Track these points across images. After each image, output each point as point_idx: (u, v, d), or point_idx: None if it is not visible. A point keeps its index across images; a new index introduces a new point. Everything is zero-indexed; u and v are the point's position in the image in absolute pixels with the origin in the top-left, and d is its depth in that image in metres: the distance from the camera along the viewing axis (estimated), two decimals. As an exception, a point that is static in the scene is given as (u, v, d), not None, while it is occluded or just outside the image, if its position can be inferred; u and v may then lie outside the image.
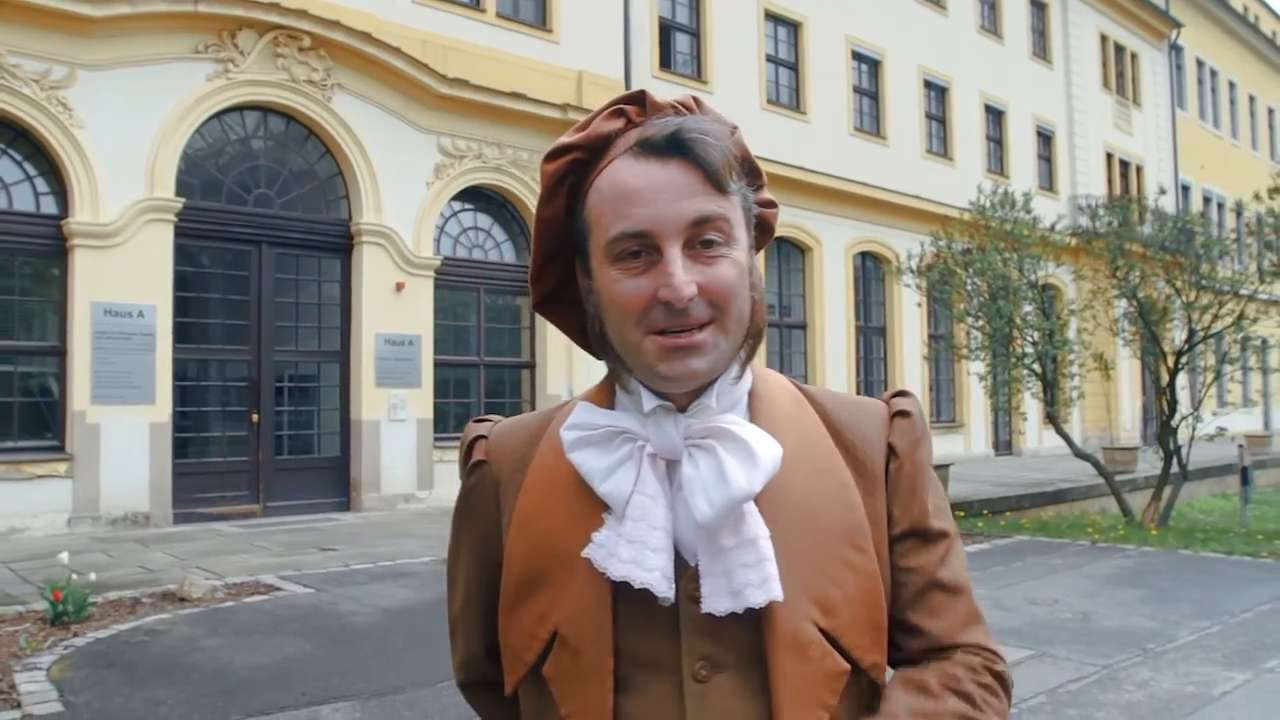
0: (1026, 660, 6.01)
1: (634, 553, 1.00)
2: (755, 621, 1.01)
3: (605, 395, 1.13)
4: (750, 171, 1.10)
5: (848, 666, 1.02)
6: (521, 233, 14.92)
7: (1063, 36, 27.76)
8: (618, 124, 1.07)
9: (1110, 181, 29.30)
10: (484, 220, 14.73)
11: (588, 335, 1.13)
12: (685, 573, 1.03)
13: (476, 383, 14.36)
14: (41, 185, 11.07)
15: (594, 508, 1.04)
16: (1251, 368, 14.09)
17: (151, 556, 9.16)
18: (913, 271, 13.65)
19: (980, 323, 13.04)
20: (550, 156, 1.09)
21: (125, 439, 11.07)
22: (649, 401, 1.04)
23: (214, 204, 12.13)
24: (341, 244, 13.09)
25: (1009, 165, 25.21)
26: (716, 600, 1.00)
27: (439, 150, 13.81)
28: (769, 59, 19.33)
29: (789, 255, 19.53)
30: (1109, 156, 29.43)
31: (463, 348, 14.29)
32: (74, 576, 6.89)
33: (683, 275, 0.99)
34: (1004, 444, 23.75)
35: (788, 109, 19.55)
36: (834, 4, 20.43)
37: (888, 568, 1.09)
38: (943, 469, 14.48)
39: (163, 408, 11.36)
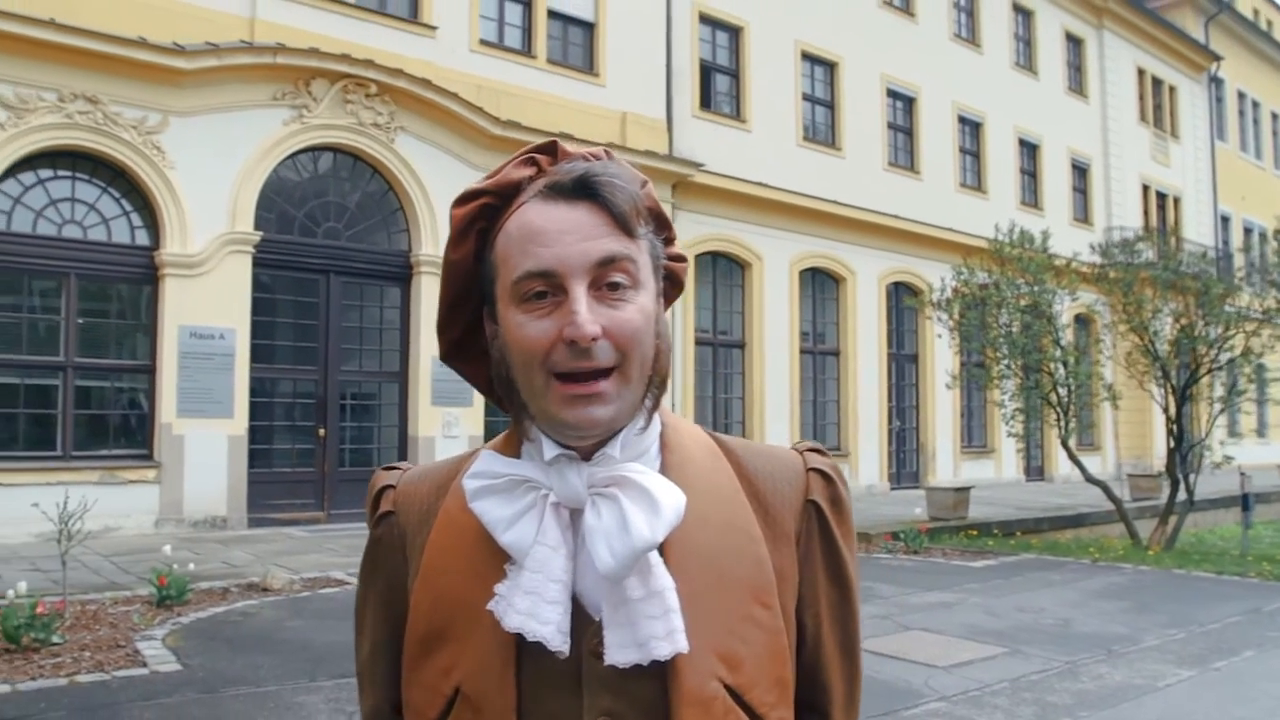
0: (1000, 656, 6.88)
1: (530, 604, 0.98)
2: (659, 677, 1.00)
3: (511, 444, 1.10)
4: (660, 223, 1.10)
5: None
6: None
7: (1099, 71, 28.39)
8: (529, 171, 1.08)
9: (1147, 213, 29.83)
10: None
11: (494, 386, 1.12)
12: (588, 626, 1.02)
13: (524, 403, 15.34)
14: (136, 220, 12.26)
15: (498, 559, 1.03)
16: (1265, 400, 14.70)
17: (232, 554, 10.24)
18: (934, 305, 14.47)
19: (1000, 353, 13.81)
20: (460, 201, 1.09)
21: (206, 449, 12.20)
22: (550, 450, 1.03)
23: (288, 236, 13.27)
24: (402, 273, 14.19)
25: (1043, 198, 25.90)
26: (620, 652, 0.99)
27: (493, 187, 14.86)
28: (805, 97, 20.26)
29: (823, 285, 20.39)
30: (1145, 188, 29.97)
31: (512, 370, 15.29)
32: (174, 567, 7.96)
33: (587, 314, 0.98)
34: (1035, 470, 24.34)
35: (823, 145, 20.45)
36: (869, 44, 21.32)
37: (794, 624, 1.09)
38: (963, 492, 15.28)
39: (240, 422, 12.48)
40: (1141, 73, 30.16)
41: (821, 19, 20.38)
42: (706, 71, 18.71)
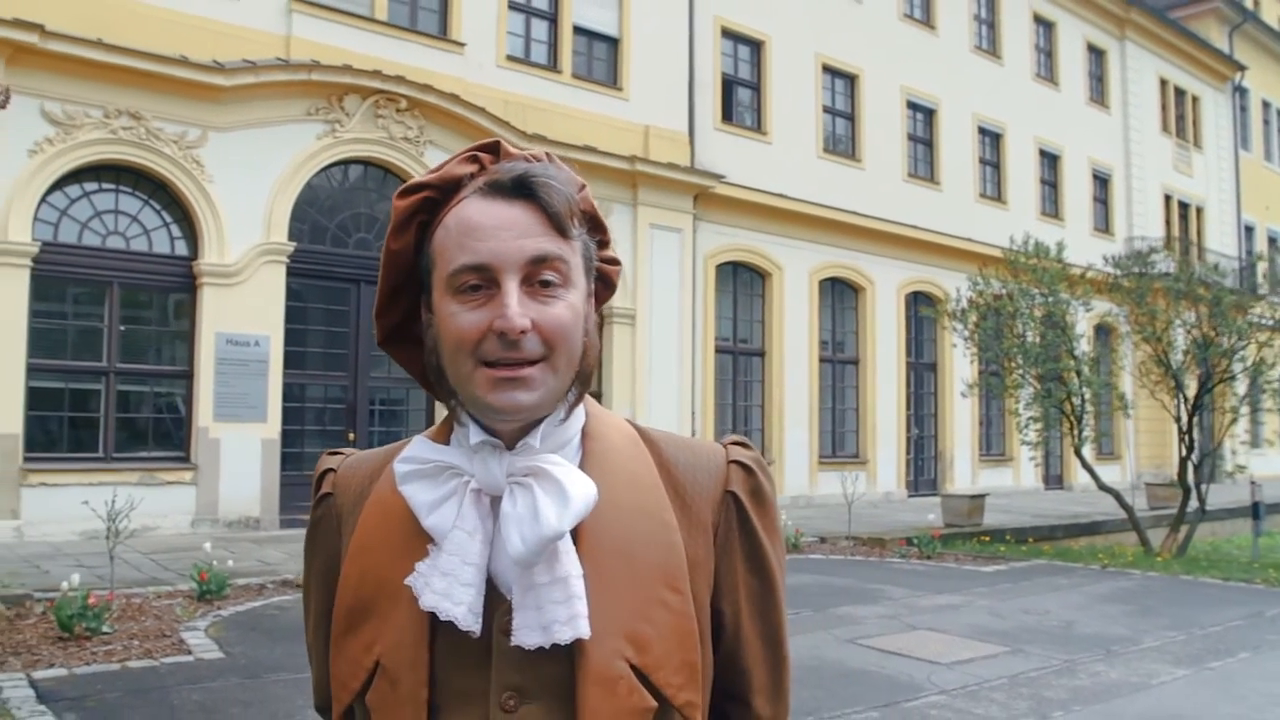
0: (1001, 654, 7.18)
1: (445, 585, 1.03)
2: (566, 656, 1.04)
3: (444, 433, 1.15)
4: (595, 226, 1.15)
5: (654, 704, 1.05)
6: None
7: (1121, 81, 28.54)
8: (471, 168, 1.11)
9: (1169, 223, 29.94)
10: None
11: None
12: (499, 606, 1.06)
13: (548, 409, 15.72)
14: (176, 231, 12.72)
15: (421, 540, 1.07)
16: (1273, 409, 14.88)
17: (266, 553, 10.65)
18: (950, 315, 14.74)
19: (1015, 362, 14.07)
20: (402, 193, 1.12)
21: (241, 452, 12.63)
22: (475, 435, 1.08)
23: (320, 247, 13.71)
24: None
25: (1063, 208, 26.09)
26: (526, 634, 1.03)
27: (518, 198, 15.28)
28: (826, 110, 20.57)
29: (842, 294, 20.67)
30: (1167, 198, 30.08)
31: (536, 377, 15.68)
32: (214, 564, 8.37)
33: (517, 308, 1.03)
34: (1054, 478, 24.52)
35: (844, 156, 20.75)
36: (890, 57, 21.61)
37: (706, 610, 1.12)
38: (978, 499, 15.54)
39: (273, 426, 12.91)
40: (1164, 83, 30.27)
41: (842, 32, 20.70)
42: (728, 85, 19.05)
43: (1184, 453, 13.62)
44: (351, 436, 13.83)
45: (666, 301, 16.92)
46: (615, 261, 1.20)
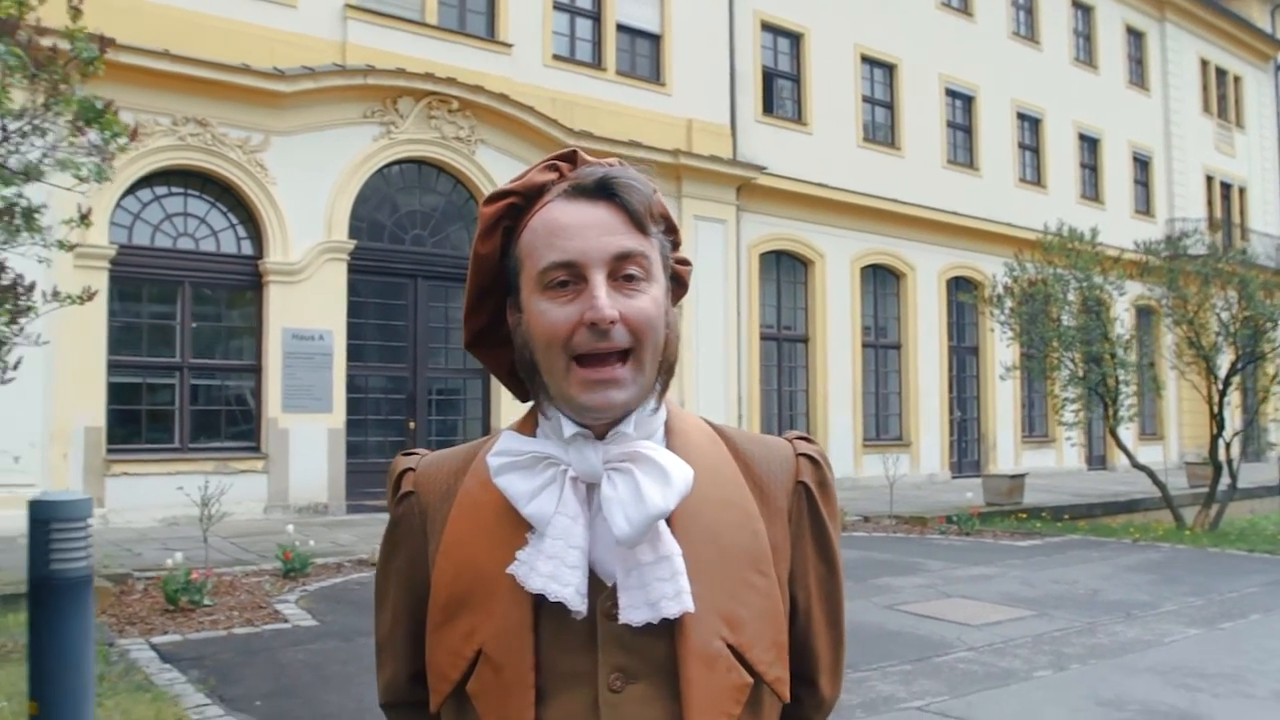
0: (1028, 618, 7.67)
1: (552, 568, 1.07)
2: (668, 636, 1.08)
3: (529, 425, 1.19)
4: (669, 227, 1.20)
5: (750, 680, 1.10)
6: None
7: (1161, 63, 28.58)
8: (551, 175, 1.17)
9: (1210, 204, 29.94)
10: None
11: (515, 375, 1.21)
12: (601, 591, 1.10)
13: (597, 396, 16.33)
14: (242, 231, 13.43)
15: (517, 530, 1.11)
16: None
17: (337, 536, 11.33)
18: (987, 300, 15.12)
19: (1051, 345, 14.43)
20: (489, 200, 1.18)
21: (308, 442, 13.33)
22: (568, 428, 1.11)
23: (378, 244, 14.37)
24: (483, 276, 15.20)
25: (1103, 191, 26.25)
26: (633, 612, 1.07)
27: (566, 193, 15.88)
28: (865, 99, 20.94)
29: (884, 280, 21.06)
30: (1209, 179, 30.08)
31: (585, 366, 16.29)
32: (296, 544, 9.04)
33: (606, 299, 1.08)
34: (1097, 459, 24.75)
35: (883, 145, 21.12)
36: (928, 45, 21.92)
37: (787, 593, 1.18)
38: (1018, 478, 15.93)
39: (338, 416, 13.61)
40: (1205, 64, 30.23)
41: (880, 22, 21.05)
42: (769, 77, 19.49)
43: (1215, 431, 13.96)
44: (412, 425, 14.50)
45: (712, 291, 17.43)
46: (686, 262, 1.26)
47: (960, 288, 21.88)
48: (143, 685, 5.35)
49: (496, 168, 15.05)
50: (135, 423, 12.73)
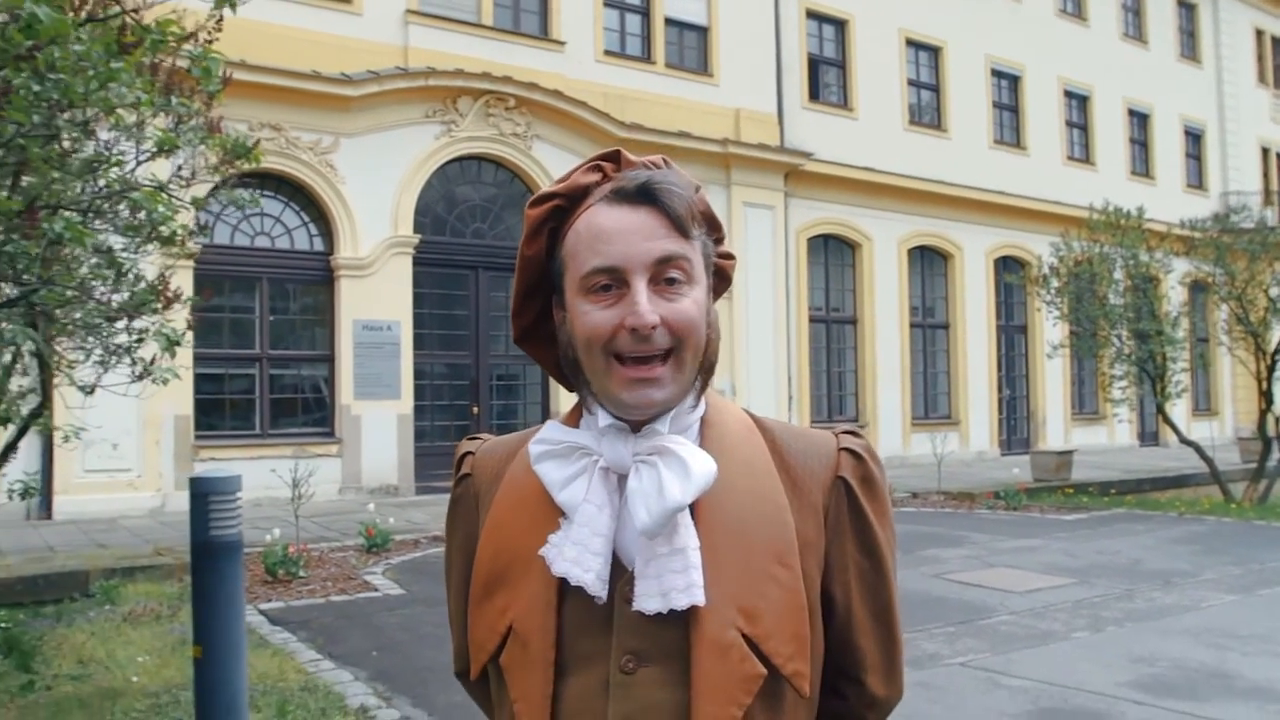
0: (1069, 585, 8.11)
1: (576, 553, 1.12)
2: (683, 623, 1.11)
3: (574, 417, 1.24)
4: (711, 225, 1.23)
5: (764, 671, 1.12)
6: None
7: (1213, 35, 28.43)
8: (595, 177, 1.20)
9: (1266, 175, 29.75)
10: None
11: (560, 368, 1.25)
12: (622, 576, 1.14)
13: (652, 380, 16.90)
14: (314, 229, 14.12)
15: (552, 516, 1.16)
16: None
17: (410, 515, 11.99)
18: (1033, 281, 15.44)
19: (1097, 324, 14.72)
20: (534, 203, 1.21)
21: (379, 427, 14.02)
22: (605, 419, 1.17)
23: (441, 238, 15.00)
24: (541, 266, 15.79)
25: (1154, 166, 26.26)
26: (646, 600, 1.11)
27: (619, 184, 16.43)
28: (911, 83, 21.22)
29: (931, 261, 21.37)
30: (1265, 151, 29.88)
31: (641, 351, 16.86)
32: (377, 522, 9.69)
33: (647, 305, 1.11)
34: (1150, 435, 24.86)
35: (929, 127, 21.40)
36: (973, 26, 22.12)
37: (816, 588, 1.19)
38: (1066, 455, 16.25)
39: (406, 402, 14.28)
40: (1260, 33, 30.01)
41: (925, 5, 21.30)
42: (814, 64, 19.85)
43: (1264, 406, 14.20)
44: (475, 410, 15.15)
45: (761, 275, 17.88)
46: (730, 256, 1.28)
47: (1008, 267, 22.13)
48: (261, 644, 6.01)
49: (552, 161, 15.60)
50: (219, 411, 13.49)
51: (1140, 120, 26.21)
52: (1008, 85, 23.14)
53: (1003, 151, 22.60)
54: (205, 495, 3.91)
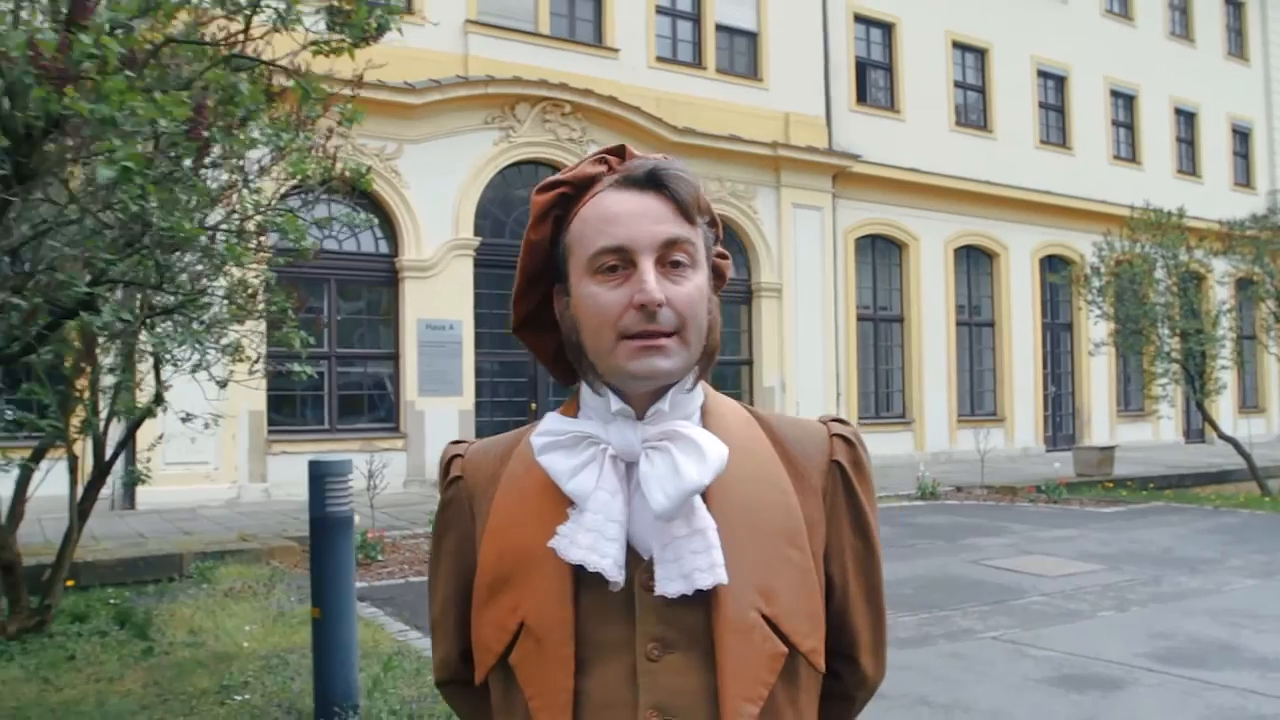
0: (1099, 571, 8.57)
1: (591, 540, 1.11)
2: (704, 607, 1.12)
3: (572, 409, 1.24)
4: (711, 222, 1.24)
5: (786, 649, 1.14)
6: (739, 250, 17.85)
7: (1261, 32, 28.38)
8: (601, 168, 1.21)
9: (1316, 173, 29.68)
10: (707, 242, 17.84)
11: (559, 360, 1.27)
12: (639, 564, 1.14)
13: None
14: (379, 232, 14.80)
15: (558, 508, 1.16)
16: None
17: (474, 505, 12.62)
18: (1076, 281, 15.79)
19: (1139, 323, 15.05)
20: (541, 189, 1.22)
21: (442, 422, 14.69)
22: (616, 403, 1.17)
23: (500, 240, 15.64)
24: (595, 267, 16.39)
25: (1200, 164, 26.34)
26: (669, 584, 1.11)
27: (670, 187, 16.99)
28: (957, 84, 21.57)
29: (977, 260, 21.71)
30: (1315, 148, 29.80)
31: (691, 348, 17.42)
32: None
33: (655, 283, 1.12)
34: (1195, 432, 24.96)
35: (975, 129, 21.73)
36: (1019, 28, 22.40)
37: (821, 567, 1.22)
38: (1108, 450, 16.56)
39: (468, 398, 14.95)
40: (1309, 31, 29.90)
41: (970, 7, 21.63)
42: (861, 67, 20.28)
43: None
44: (533, 406, 15.77)
45: (810, 275, 18.36)
46: (725, 255, 1.28)
47: (1054, 266, 22.37)
48: (352, 616, 6.64)
49: (606, 166, 16.16)
50: (290, 406, 14.23)
51: (1187, 119, 26.30)
52: (1053, 85, 23.39)
53: (1048, 151, 22.87)
54: (322, 477, 4.53)
